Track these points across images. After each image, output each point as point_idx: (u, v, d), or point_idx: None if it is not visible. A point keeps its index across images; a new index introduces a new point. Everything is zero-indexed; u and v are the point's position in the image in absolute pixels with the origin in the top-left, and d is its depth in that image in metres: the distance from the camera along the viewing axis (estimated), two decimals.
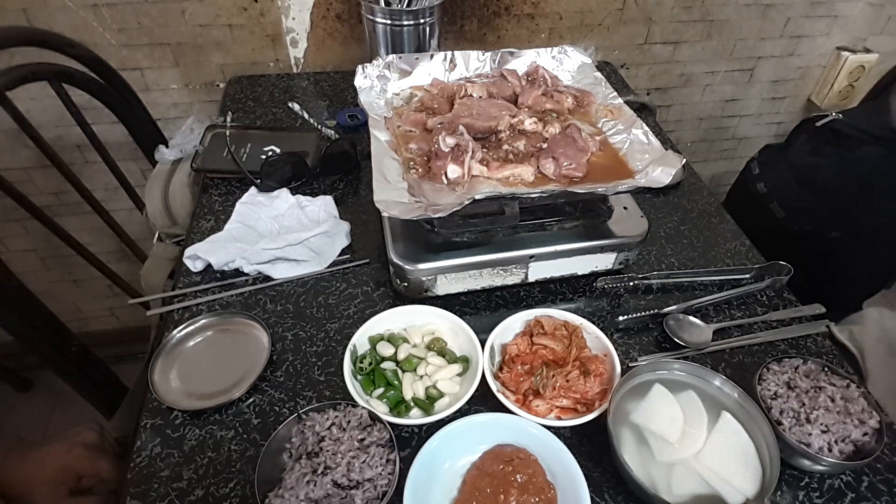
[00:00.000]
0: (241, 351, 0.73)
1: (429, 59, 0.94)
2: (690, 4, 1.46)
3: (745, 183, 1.37)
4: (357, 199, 0.98)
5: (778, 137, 1.86)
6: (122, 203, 1.29)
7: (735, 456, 0.61)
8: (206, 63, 1.31)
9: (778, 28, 1.57)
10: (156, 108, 1.30)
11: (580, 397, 0.66)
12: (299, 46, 1.33)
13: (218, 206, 0.95)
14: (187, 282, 0.83)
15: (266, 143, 1.03)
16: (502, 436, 0.63)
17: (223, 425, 0.67)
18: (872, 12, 1.58)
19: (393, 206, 0.68)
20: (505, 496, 0.57)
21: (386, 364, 0.70)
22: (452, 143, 0.76)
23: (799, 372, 0.68)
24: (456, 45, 1.38)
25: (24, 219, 1.27)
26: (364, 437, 0.59)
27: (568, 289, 0.85)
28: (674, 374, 0.68)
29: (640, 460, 0.62)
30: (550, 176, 0.76)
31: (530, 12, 1.38)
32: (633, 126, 0.82)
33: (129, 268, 1.40)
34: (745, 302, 0.84)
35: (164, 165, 1.08)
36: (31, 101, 1.19)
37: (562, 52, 0.98)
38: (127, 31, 1.22)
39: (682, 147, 1.80)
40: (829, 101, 1.71)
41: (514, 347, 0.71)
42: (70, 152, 1.34)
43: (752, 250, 0.93)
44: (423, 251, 0.75)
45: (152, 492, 0.61)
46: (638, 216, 0.82)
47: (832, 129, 1.20)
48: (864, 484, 0.64)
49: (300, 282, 0.83)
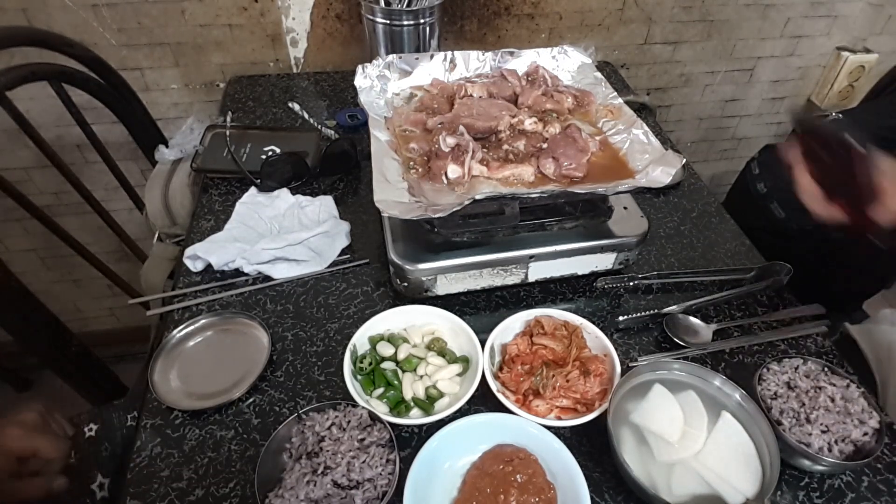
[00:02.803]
0: (241, 351, 0.73)
1: (429, 59, 0.94)
2: (690, 4, 1.46)
3: (745, 183, 1.37)
4: (357, 199, 0.98)
5: (778, 137, 1.86)
6: (122, 203, 1.29)
7: (735, 456, 0.61)
8: (206, 63, 1.31)
9: (778, 28, 1.57)
10: (156, 108, 1.30)
11: (580, 397, 0.66)
12: (299, 46, 1.33)
13: (218, 206, 0.95)
14: (187, 282, 0.83)
15: (266, 143, 1.03)
16: (502, 436, 0.63)
17: (223, 425, 0.67)
18: (872, 12, 1.58)
19: (393, 206, 0.68)
20: (505, 496, 0.57)
21: (386, 364, 0.70)
22: (453, 143, 0.76)
23: (799, 372, 0.68)
24: (456, 45, 1.38)
25: (24, 219, 1.27)
26: (364, 437, 0.59)
27: (568, 289, 0.85)
28: (674, 374, 0.68)
29: (640, 460, 0.62)
30: (550, 176, 0.76)
31: (530, 12, 1.38)
32: (633, 126, 0.82)
33: (129, 268, 1.40)
34: (745, 302, 0.84)
35: (164, 165, 1.08)
36: (31, 101, 1.19)
37: (562, 52, 0.98)
38: (127, 31, 1.22)
39: (682, 147, 1.80)
40: (829, 101, 1.71)
41: (514, 347, 0.71)
42: (70, 152, 1.34)
43: (752, 250, 0.93)
44: (423, 251, 0.75)
45: (152, 492, 0.61)
46: (638, 216, 0.82)
47: None
48: (864, 484, 0.64)
49: (300, 282, 0.83)
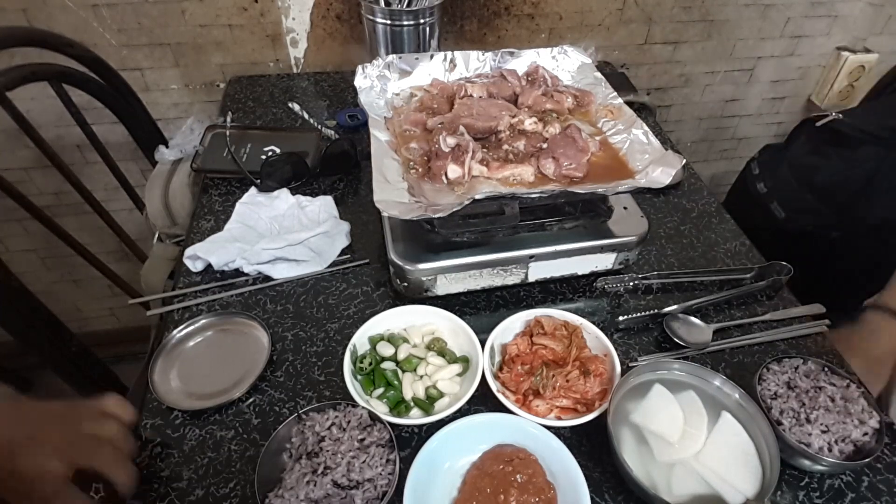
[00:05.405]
0: (241, 351, 0.73)
1: (429, 59, 0.94)
2: (690, 4, 1.46)
3: (745, 183, 1.37)
4: (357, 199, 0.98)
5: (778, 137, 1.86)
6: (122, 203, 1.29)
7: (735, 456, 0.61)
8: (206, 63, 1.31)
9: (778, 28, 1.57)
10: (156, 108, 1.30)
11: (580, 397, 0.66)
12: (299, 46, 1.33)
13: (218, 206, 0.95)
14: (187, 282, 0.83)
15: (266, 143, 1.03)
16: (502, 436, 0.63)
17: (223, 425, 0.67)
18: (872, 12, 1.58)
19: (393, 206, 0.68)
20: (505, 496, 0.57)
21: (386, 364, 0.70)
22: (453, 143, 0.76)
23: (799, 372, 0.68)
24: (456, 45, 1.38)
25: (24, 219, 1.27)
26: (364, 437, 0.59)
27: (568, 289, 0.84)
28: (674, 374, 0.68)
29: (640, 460, 0.62)
30: (550, 176, 0.76)
31: (530, 12, 1.38)
32: (633, 126, 0.82)
33: (129, 268, 1.40)
34: (745, 302, 0.84)
35: (164, 165, 1.08)
36: (31, 101, 1.19)
37: (562, 52, 0.98)
38: (127, 32, 1.22)
39: (682, 147, 1.80)
40: (829, 101, 1.71)
41: (514, 347, 0.71)
42: (70, 152, 1.34)
43: (752, 250, 0.93)
44: (423, 251, 0.75)
45: (152, 492, 0.61)
46: (638, 216, 0.82)
47: (832, 129, 1.20)
48: (864, 484, 0.64)
49: (300, 282, 0.83)
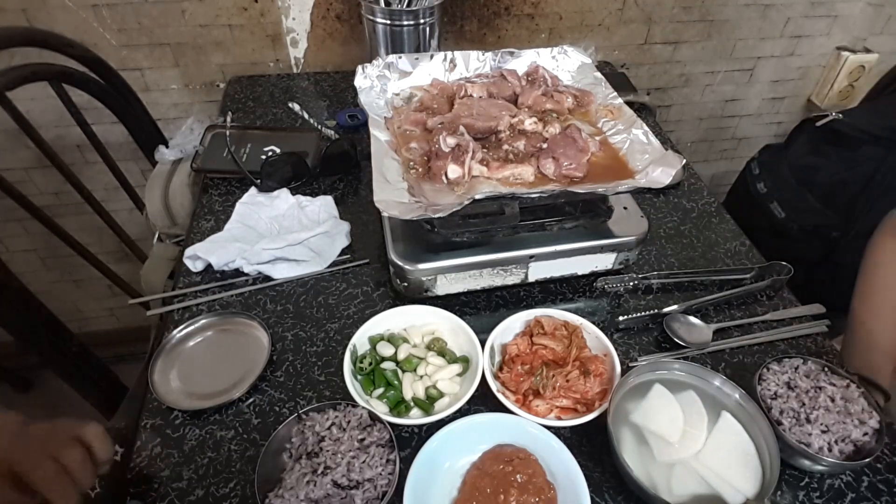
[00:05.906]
0: (241, 351, 0.73)
1: (429, 60, 0.94)
2: (690, 4, 1.46)
3: (745, 183, 1.37)
4: (357, 199, 0.98)
5: (778, 137, 1.86)
6: (122, 203, 1.29)
7: (735, 456, 0.61)
8: (206, 63, 1.31)
9: (778, 28, 1.57)
10: (156, 108, 1.30)
11: (580, 397, 0.66)
12: (299, 46, 1.33)
13: (218, 206, 0.95)
14: (187, 282, 0.83)
15: (266, 143, 1.03)
16: (502, 436, 0.63)
17: (223, 425, 0.67)
18: (872, 12, 1.58)
19: (393, 206, 0.68)
20: (505, 496, 0.57)
21: (386, 364, 0.70)
22: (453, 143, 0.76)
23: (799, 372, 0.68)
24: (456, 45, 1.38)
25: (24, 219, 1.27)
26: (364, 437, 0.59)
27: (568, 289, 0.85)
28: (674, 374, 0.68)
29: (640, 460, 0.62)
30: (550, 176, 0.76)
31: (530, 12, 1.38)
32: (633, 126, 0.82)
33: (129, 268, 1.40)
34: (745, 302, 0.84)
35: (164, 165, 1.08)
36: (31, 101, 1.19)
37: (562, 52, 0.98)
38: (127, 32, 1.22)
39: (682, 147, 1.80)
40: (829, 101, 1.71)
41: (514, 347, 0.71)
42: (70, 152, 1.34)
43: (752, 250, 0.93)
44: (423, 251, 0.75)
45: (152, 492, 0.61)
46: (638, 216, 0.82)
47: (832, 129, 1.20)
48: (864, 484, 0.64)
49: (300, 282, 0.83)
